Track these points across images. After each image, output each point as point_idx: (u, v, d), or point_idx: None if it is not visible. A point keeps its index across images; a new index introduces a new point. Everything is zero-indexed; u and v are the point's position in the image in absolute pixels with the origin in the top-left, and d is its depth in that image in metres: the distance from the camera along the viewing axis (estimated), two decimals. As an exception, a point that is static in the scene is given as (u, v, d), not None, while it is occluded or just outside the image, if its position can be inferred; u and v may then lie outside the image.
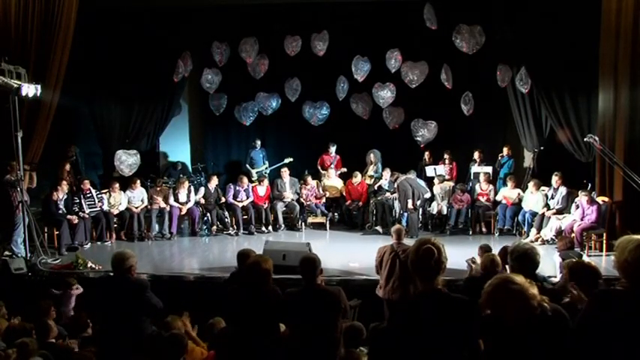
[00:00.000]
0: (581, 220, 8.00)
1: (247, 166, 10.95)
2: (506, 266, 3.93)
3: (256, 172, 10.77)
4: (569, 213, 8.43)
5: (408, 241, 6.06)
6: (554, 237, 8.29)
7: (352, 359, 3.56)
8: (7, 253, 7.71)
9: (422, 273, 2.69)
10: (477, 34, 9.14)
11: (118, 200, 9.19)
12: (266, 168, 10.90)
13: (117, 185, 9.31)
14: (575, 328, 2.57)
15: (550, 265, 6.69)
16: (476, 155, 10.29)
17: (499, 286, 2.52)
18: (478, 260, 5.56)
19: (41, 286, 6.93)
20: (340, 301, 3.72)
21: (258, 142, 10.99)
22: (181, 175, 10.35)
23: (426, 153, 10.72)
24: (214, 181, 9.83)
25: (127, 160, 10.00)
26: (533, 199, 8.89)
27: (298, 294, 3.77)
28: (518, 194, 9.19)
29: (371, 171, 10.47)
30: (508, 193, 9.29)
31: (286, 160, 10.59)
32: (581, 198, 8.09)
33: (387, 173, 9.87)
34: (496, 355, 2.54)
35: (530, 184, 9.01)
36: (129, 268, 3.97)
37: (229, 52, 9.77)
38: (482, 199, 9.43)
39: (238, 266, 4.98)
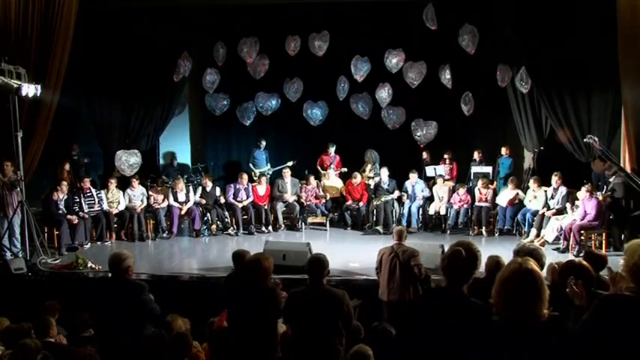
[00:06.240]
0: (582, 219, 7.98)
1: (250, 165, 10.89)
2: None
3: (259, 172, 10.74)
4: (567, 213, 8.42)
5: (408, 243, 6.07)
6: (559, 236, 8.24)
7: (361, 355, 3.55)
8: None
9: (452, 276, 2.82)
10: (477, 34, 9.14)
11: (115, 197, 9.18)
12: (268, 170, 10.86)
13: (113, 181, 9.29)
14: (578, 334, 2.45)
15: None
16: (476, 155, 10.30)
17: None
18: None
19: (41, 286, 6.95)
20: (344, 304, 3.66)
21: (263, 143, 10.89)
22: (178, 175, 10.31)
23: (424, 153, 10.69)
24: (210, 182, 9.82)
25: (128, 160, 9.99)
26: (535, 196, 8.87)
27: (302, 294, 3.74)
28: (517, 194, 9.17)
29: (369, 172, 10.46)
30: (507, 194, 9.24)
31: (289, 163, 10.53)
32: (582, 193, 8.08)
33: (385, 172, 9.84)
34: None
35: (531, 182, 8.99)
36: (126, 269, 3.96)
37: (226, 52, 9.74)
38: (483, 204, 9.38)
39: (235, 266, 4.97)
